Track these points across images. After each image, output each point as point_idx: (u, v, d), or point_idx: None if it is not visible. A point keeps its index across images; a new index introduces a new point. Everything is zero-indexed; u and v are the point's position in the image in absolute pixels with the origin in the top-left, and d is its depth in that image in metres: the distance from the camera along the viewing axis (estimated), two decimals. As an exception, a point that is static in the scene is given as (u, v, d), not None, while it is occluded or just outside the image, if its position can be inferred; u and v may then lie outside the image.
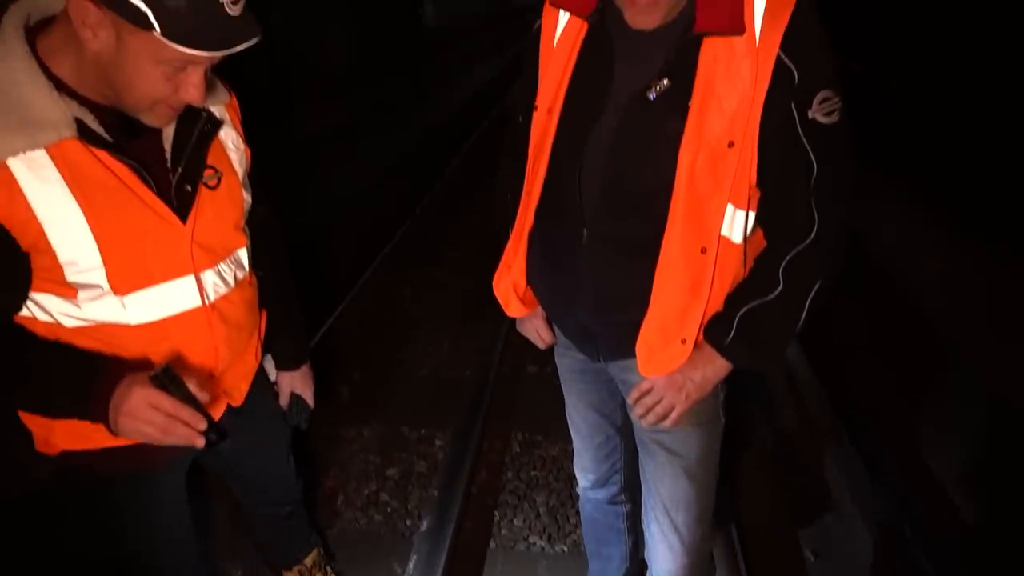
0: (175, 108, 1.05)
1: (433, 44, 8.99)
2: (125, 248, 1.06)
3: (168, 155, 1.11)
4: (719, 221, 1.19)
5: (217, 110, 1.20)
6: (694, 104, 1.13)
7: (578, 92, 1.25)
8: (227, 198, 1.21)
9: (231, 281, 1.25)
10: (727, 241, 1.22)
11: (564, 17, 1.27)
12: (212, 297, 1.20)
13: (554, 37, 1.29)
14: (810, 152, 1.14)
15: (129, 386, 1.00)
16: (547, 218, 1.35)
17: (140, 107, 1.02)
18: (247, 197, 1.28)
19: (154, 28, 0.90)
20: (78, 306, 1.08)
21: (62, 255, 1.02)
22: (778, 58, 1.09)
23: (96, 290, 1.06)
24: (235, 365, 1.34)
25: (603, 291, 1.30)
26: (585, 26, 1.24)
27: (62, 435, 1.19)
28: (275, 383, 1.61)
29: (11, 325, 1.08)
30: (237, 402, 1.37)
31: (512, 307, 1.49)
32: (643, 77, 1.17)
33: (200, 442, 1.03)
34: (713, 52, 1.12)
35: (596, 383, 1.57)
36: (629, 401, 1.38)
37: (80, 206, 1.00)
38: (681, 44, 1.14)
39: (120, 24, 0.91)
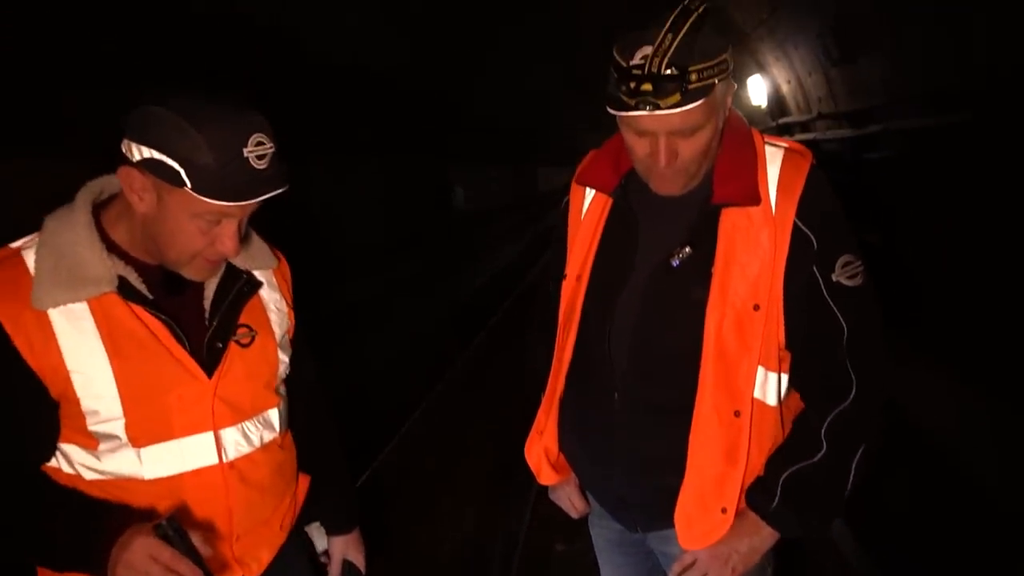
0: (212, 261, 1.11)
1: (462, 225, 9.51)
2: (147, 400, 1.07)
3: (207, 312, 1.15)
4: (751, 383, 1.19)
5: (261, 274, 1.24)
6: (716, 270, 1.18)
7: (605, 260, 1.31)
8: (260, 357, 1.21)
9: (256, 441, 1.21)
10: (761, 404, 1.22)
11: (590, 193, 1.36)
12: (231, 456, 1.17)
13: (581, 211, 1.37)
14: (838, 314, 1.16)
15: (132, 536, 0.98)
16: (578, 382, 1.36)
17: (181, 261, 1.08)
18: (283, 358, 1.27)
19: (186, 184, 0.98)
20: (98, 458, 1.08)
21: (85, 404, 1.04)
22: (795, 226, 1.15)
23: (115, 441, 1.07)
24: (256, 531, 1.25)
25: (637, 455, 1.28)
26: (610, 201, 1.33)
27: None
28: (324, 553, 1.50)
29: (35, 475, 1.09)
30: (253, 573, 1.27)
31: (544, 474, 1.45)
32: (666, 245, 1.23)
33: None
34: (732, 221, 1.18)
35: (635, 556, 1.49)
36: None
37: (109, 357, 1.04)
38: (701, 213, 1.21)
39: (160, 185, 1.01)
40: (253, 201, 1.04)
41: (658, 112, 1.08)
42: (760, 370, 1.20)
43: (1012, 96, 3.49)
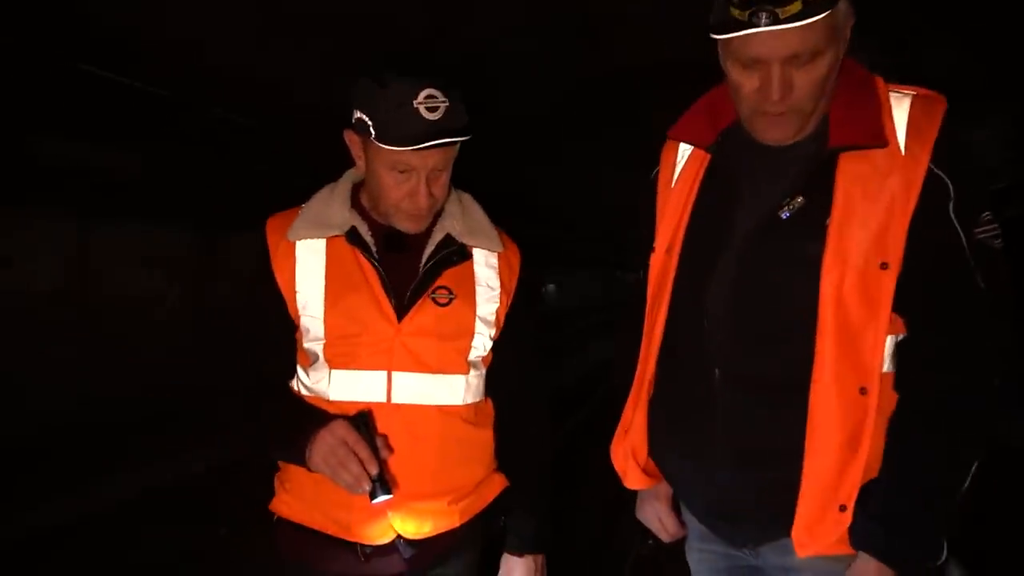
0: (413, 214, 1.24)
1: (552, 321, 9.50)
2: (344, 329, 1.24)
3: (420, 271, 1.27)
4: (879, 355, 1.03)
5: (480, 251, 1.33)
6: (833, 223, 1.04)
7: (700, 226, 1.19)
8: (454, 320, 1.28)
9: (433, 398, 1.26)
10: (889, 377, 1.05)
11: (684, 155, 1.25)
12: (400, 399, 1.24)
13: (672, 177, 1.26)
14: (980, 279, 1.00)
15: (329, 424, 1.15)
16: (672, 367, 1.22)
17: (389, 212, 1.25)
18: (483, 331, 1.31)
19: (371, 134, 1.16)
20: (308, 375, 1.27)
21: (302, 321, 1.26)
22: (929, 170, 1.01)
23: (318, 360, 1.26)
24: (420, 492, 1.25)
25: (743, 444, 1.11)
26: (706, 160, 1.21)
27: (284, 504, 1.31)
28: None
29: (279, 385, 1.30)
30: (410, 534, 1.26)
31: (631, 477, 1.29)
32: (774, 197, 1.10)
33: (364, 485, 1.12)
34: (853, 167, 1.04)
35: None
36: None
37: (325, 286, 1.25)
38: (815, 160, 1.08)
39: (365, 142, 1.21)
40: (424, 146, 1.14)
41: (776, 28, 0.95)
42: (889, 339, 1.04)
43: None
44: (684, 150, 1.25)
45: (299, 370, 1.29)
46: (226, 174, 3.47)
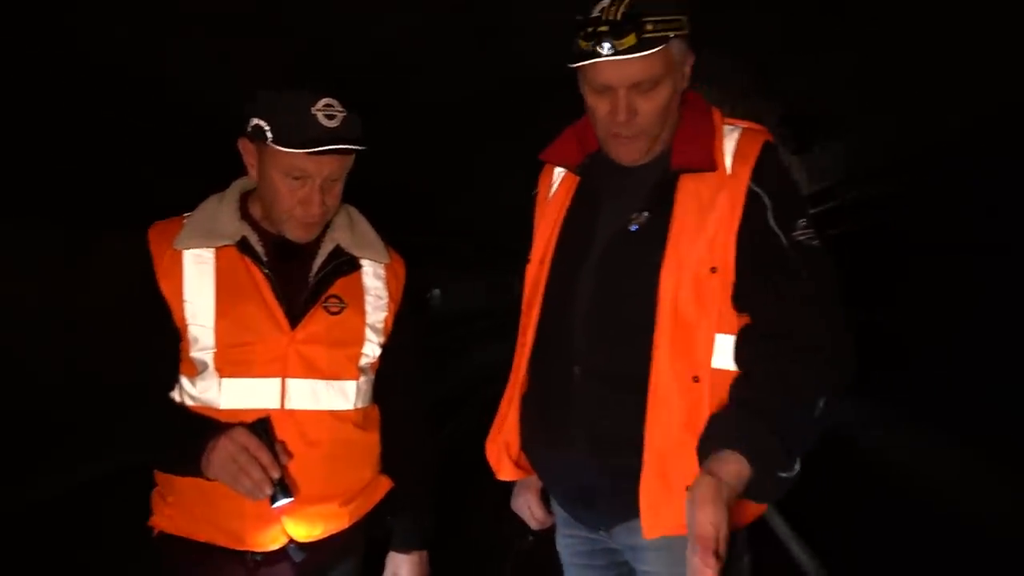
0: (305, 222, 1.27)
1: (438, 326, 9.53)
2: (236, 338, 1.25)
3: (310, 280, 1.32)
4: (710, 349, 1.18)
5: (368, 262, 1.39)
6: (672, 232, 1.19)
7: (568, 237, 1.33)
8: (345, 328, 1.33)
9: (325, 403, 1.30)
10: (720, 371, 1.19)
11: (559, 176, 1.39)
12: (293, 405, 1.27)
13: (548, 195, 1.40)
14: (802, 271, 1.16)
15: (229, 431, 1.16)
16: (540, 365, 1.33)
17: (281, 219, 1.28)
18: (371, 339, 1.37)
19: (268, 138, 1.19)
20: (194, 385, 1.26)
21: (191, 331, 1.25)
22: (749, 188, 1.18)
23: (206, 369, 1.25)
24: (312, 497, 1.28)
25: (596, 431, 1.23)
26: (575, 182, 1.35)
27: (166, 518, 1.30)
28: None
29: (159, 393, 1.28)
30: (301, 537, 1.28)
31: (504, 469, 1.39)
32: (627, 215, 1.25)
33: (266, 490, 1.14)
34: (689, 186, 1.21)
35: (606, 569, 1.38)
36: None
37: (216, 294, 1.26)
38: (660, 180, 1.24)
39: (259, 148, 1.23)
40: (321, 150, 1.18)
41: (616, 58, 1.12)
42: (718, 336, 1.18)
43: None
44: (559, 171, 1.39)
45: (183, 380, 1.28)
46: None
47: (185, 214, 1.34)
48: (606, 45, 1.11)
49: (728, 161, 1.21)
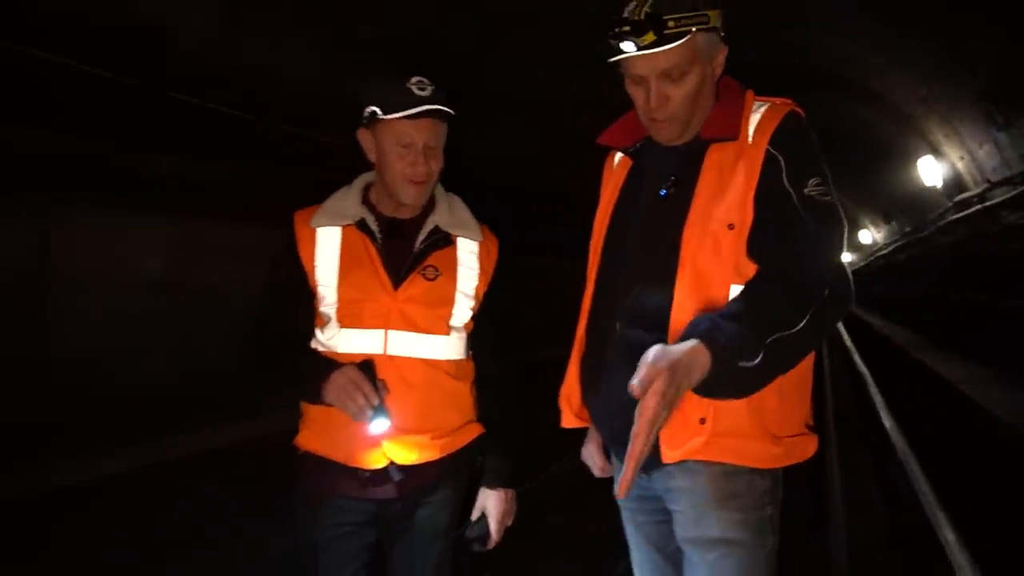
0: (415, 183, 1.56)
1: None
2: (352, 296, 1.58)
3: (413, 251, 1.61)
4: (725, 294, 1.30)
5: (463, 240, 1.66)
6: (696, 196, 1.34)
7: (619, 211, 1.51)
8: (439, 292, 1.61)
9: (420, 353, 1.59)
10: None
11: (618, 157, 1.57)
12: (393, 352, 1.57)
13: (611, 175, 1.58)
14: (809, 220, 1.29)
15: (341, 367, 1.48)
16: (594, 324, 1.51)
17: (395, 185, 1.56)
18: (462, 302, 1.64)
19: (378, 113, 1.50)
20: (323, 332, 1.60)
21: (319, 290, 1.59)
22: (767, 152, 1.32)
23: (331, 321, 1.59)
24: (410, 429, 1.56)
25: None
26: (629, 163, 1.52)
27: (304, 439, 1.63)
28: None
29: (299, 341, 1.62)
30: (399, 460, 1.56)
31: (564, 418, 1.56)
32: (663, 182, 1.41)
33: (369, 413, 1.43)
34: (716, 156, 1.36)
35: (652, 516, 1.51)
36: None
37: (339, 263, 1.59)
38: (690, 151, 1.39)
39: (374, 132, 1.54)
40: (418, 111, 1.48)
41: (640, 52, 1.27)
42: (733, 287, 1.30)
43: None
44: (619, 155, 1.57)
45: (316, 330, 1.62)
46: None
47: (321, 203, 1.67)
48: (629, 43, 1.27)
49: (751, 131, 1.34)
